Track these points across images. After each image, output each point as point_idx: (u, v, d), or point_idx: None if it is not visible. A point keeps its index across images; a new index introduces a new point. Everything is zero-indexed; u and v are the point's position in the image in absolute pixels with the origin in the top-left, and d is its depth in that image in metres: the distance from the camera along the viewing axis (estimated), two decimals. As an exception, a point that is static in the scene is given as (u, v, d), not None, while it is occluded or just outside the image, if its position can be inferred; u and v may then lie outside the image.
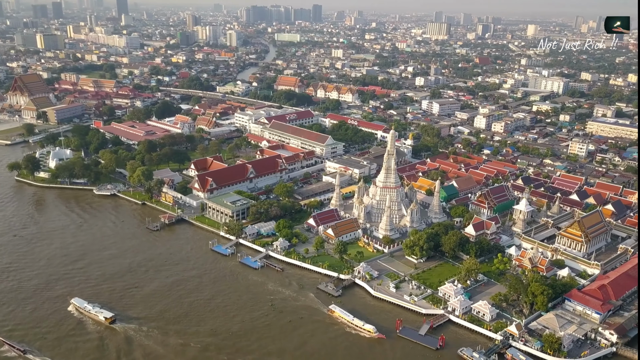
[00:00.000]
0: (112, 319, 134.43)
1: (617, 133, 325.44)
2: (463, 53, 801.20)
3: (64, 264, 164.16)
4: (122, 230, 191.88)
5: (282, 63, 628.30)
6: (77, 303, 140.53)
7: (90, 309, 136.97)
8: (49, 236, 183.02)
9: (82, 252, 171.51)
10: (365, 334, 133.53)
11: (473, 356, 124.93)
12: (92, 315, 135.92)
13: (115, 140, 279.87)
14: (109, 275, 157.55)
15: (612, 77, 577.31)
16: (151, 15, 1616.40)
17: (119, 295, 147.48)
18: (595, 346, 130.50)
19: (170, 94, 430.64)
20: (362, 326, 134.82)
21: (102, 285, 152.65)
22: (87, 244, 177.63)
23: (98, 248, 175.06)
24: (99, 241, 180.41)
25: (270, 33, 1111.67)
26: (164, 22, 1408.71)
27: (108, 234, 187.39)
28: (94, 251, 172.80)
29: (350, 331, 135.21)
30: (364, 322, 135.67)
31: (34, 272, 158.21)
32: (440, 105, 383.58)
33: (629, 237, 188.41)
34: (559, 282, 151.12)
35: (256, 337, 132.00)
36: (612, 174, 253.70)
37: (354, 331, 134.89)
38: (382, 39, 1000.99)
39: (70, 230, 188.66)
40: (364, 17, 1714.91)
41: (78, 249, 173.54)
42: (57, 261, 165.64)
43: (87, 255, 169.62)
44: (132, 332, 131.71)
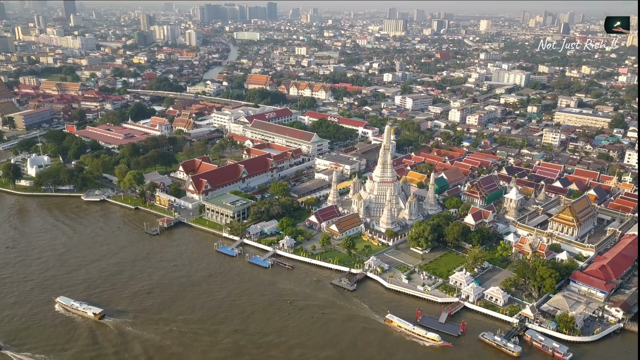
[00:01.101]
0: (101, 314, 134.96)
1: (583, 122, 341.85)
2: (423, 49, 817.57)
3: (65, 273, 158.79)
4: (119, 236, 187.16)
5: (247, 62, 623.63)
6: (63, 302, 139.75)
7: (77, 306, 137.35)
8: (41, 245, 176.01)
9: (80, 261, 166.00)
10: (428, 343, 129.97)
11: (495, 340, 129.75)
12: (80, 312, 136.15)
13: (93, 145, 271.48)
14: (117, 284, 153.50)
15: (566, 69, 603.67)
16: (100, 15, 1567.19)
17: (132, 301, 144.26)
18: (604, 323, 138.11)
19: (139, 96, 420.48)
20: (425, 335, 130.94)
21: (112, 293, 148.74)
22: (84, 252, 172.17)
23: (98, 256, 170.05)
24: (97, 248, 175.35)
25: (228, 32, 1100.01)
26: (115, 22, 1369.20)
27: (105, 240, 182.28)
28: (93, 259, 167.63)
29: (411, 340, 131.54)
30: (426, 331, 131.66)
31: (35, 282, 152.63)
32: (413, 101, 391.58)
33: (613, 219, 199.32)
34: (561, 265, 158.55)
35: (297, 338, 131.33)
36: (586, 161, 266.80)
37: (415, 340, 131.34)
38: (341, 36, 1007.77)
39: (63, 239, 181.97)
40: (319, 14, 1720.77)
41: (76, 258, 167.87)
42: (56, 271, 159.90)
43: (87, 264, 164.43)
44: (128, 326, 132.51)
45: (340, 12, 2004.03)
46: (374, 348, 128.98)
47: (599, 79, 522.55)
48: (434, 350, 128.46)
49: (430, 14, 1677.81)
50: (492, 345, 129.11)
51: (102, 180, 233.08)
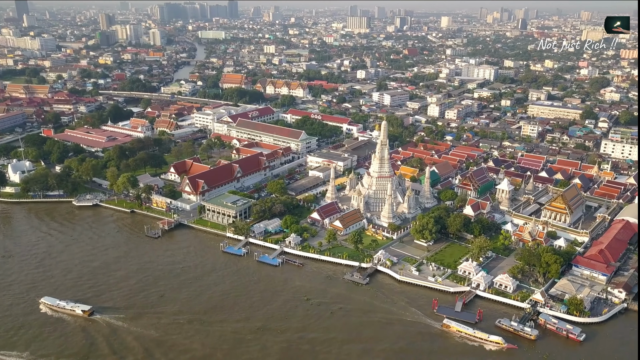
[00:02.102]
0: (90, 311, 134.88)
1: (556, 114, 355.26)
2: (389, 45, 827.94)
3: (70, 279, 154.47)
4: (120, 240, 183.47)
5: (217, 61, 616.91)
6: (48, 302, 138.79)
7: (64, 305, 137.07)
8: (39, 253, 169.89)
9: (83, 267, 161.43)
10: (491, 346, 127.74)
11: (511, 325, 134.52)
12: (67, 311, 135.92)
13: (76, 149, 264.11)
14: (128, 289, 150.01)
15: (530, 63, 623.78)
16: (54, 15, 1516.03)
17: (146, 307, 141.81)
18: (609, 304, 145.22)
19: (112, 98, 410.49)
20: (488, 338, 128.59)
21: (126, 298, 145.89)
22: (86, 258, 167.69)
23: (103, 262, 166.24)
24: (101, 254, 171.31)
25: (191, 31, 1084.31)
26: (71, 22, 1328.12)
27: (106, 245, 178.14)
28: (100, 265, 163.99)
29: (473, 344, 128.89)
30: (488, 335, 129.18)
31: (44, 290, 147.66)
32: (391, 97, 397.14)
33: (600, 206, 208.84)
34: (562, 251, 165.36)
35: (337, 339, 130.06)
36: (565, 152, 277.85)
37: (477, 344, 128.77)
38: (307, 34, 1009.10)
39: (60, 246, 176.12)
40: (280, 12, 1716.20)
41: (79, 264, 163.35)
42: (62, 278, 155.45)
43: (93, 270, 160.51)
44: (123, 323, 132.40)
45: (301, 10, 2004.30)
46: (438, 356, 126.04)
47: (562, 73, 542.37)
48: (499, 354, 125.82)
49: (390, 11, 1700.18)
50: (510, 331, 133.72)
51: (91, 184, 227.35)
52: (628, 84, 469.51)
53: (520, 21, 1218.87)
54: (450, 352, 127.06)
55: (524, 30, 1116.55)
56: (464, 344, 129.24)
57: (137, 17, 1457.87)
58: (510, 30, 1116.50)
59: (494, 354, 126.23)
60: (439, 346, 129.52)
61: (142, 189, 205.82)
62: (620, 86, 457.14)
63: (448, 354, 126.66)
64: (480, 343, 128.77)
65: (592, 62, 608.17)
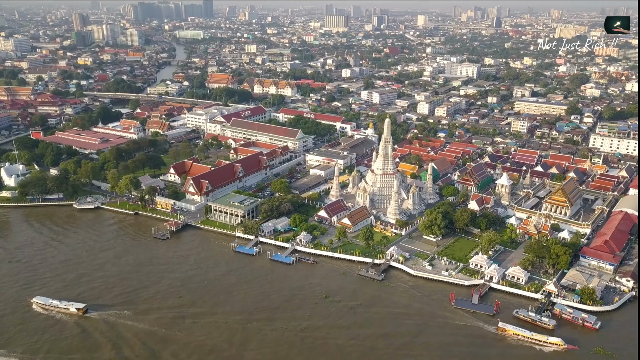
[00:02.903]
0: (84, 309, 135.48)
1: (542, 110, 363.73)
2: (369, 44, 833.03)
3: (85, 282, 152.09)
4: (128, 243, 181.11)
5: (200, 61, 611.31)
6: (40, 301, 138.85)
7: (57, 304, 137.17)
8: (47, 258, 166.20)
9: (95, 270, 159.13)
10: (551, 348, 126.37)
11: (529, 315, 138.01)
12: (61, 309, 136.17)
13: (69, 151, 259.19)
14: (148, 293, 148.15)
15: (509, 61, 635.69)
16: (23, 14, 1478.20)
17: (167, 309, 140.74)
18: (618, 292, 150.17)
19: (97, 99, 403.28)
20: (547, 340, 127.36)
21: (144, 302, 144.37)
22: (97, 261, 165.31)
23: (114, 264, 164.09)
24: (111, 256, 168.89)
25: (168, 30, 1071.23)
26: (42, 22, 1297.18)
27: (114, 248, 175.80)
28: (112, 267, 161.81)
29: (533, 347, 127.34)
30: (547, 336, 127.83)
31: (62, 294, 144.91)
32: (380, 95, 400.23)
33: (596, 199, 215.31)
34: (568, 243, 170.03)
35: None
36: (555, 147, 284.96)
37: (537, 346, 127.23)
38: (285, 33, 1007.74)
39: (66, 249, 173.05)
40: (256, 11, 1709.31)
41: (90, 267, 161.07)
42: (77, 282, 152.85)
43: (106, 272, 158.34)
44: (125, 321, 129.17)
45: (276, 9, 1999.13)
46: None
47: (542, 70, 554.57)
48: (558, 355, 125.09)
49: (366, 10, 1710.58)
50: (527, 321, 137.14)
51: (90, 186, 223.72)
52: (606, 80, 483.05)
53: (495, 19, 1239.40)
54: (509, 358, 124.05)
55: (499, 28, 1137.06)
56: (522, 347, 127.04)
57: (109, 17, 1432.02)
58: (485, 28, 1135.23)
59: (555, 355, 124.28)
60: (497, 352, 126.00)
61: (145, 191, 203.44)
62: (599, 82, 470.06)
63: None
64: (539, 345, 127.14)
65: (569, 59, 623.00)
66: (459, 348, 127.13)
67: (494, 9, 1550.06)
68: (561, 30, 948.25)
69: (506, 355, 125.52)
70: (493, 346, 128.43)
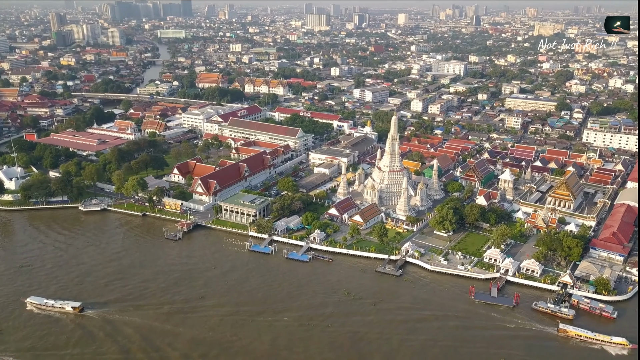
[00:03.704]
0: (80, 307, 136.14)
1: (532, 107, 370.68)
2: (353, 42, 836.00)
3: (104, 284, 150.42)
4: (140, 244, 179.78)
5: (186, 60, 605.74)
6: (35, 301, 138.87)
7: (52, 303, 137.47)
8: (61, 263, 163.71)
9: (114, 272, 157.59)
10: (615, 348, 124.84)
11: (548, 307, 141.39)
12: (56, 309, 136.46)
13: (67, 153, 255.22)
14: (166, 294, 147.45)
15: (493, 58, 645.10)
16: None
17: (189, 311, 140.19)
18: (630, 282, 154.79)
19: (87, 100, 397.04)
20: (610, 340, 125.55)
21: (169, 303, 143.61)
22: (113, 263, 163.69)
23: (130, 265, 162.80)
24: (125, 258, 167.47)
25: (148, 30, 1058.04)
26: (16, 22, 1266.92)
27: (128, 249, 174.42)
28: (127, 267, 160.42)
29: (594, 347, 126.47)
30: (610, 336, 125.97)
31: (86, 300, 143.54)
32: (372, 93, 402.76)
33: (596, 192, 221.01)
34: (577, 235, 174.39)
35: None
36: (550, 142, 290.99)
37: (598, 346, 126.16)
38: (268, 32, 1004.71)
39: (75, 252, 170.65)
40: (235, 10, 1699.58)
41: (109, 270, 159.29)
42: (95, 284, 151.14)
43: (124, 275, 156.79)
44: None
45: (254, 8, 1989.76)
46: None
47: (526, 67, 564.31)
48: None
49: (345, 8, 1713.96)
50: (547, 312, 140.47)
51: (94, 188, 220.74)
52: (589, 76, 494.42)
53: (475, 18, 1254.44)
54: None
55: (478, 26, 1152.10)
56: (585, 348, 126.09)
57: (85, 17, 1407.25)
58: (465, 26, 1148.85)
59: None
60: (562, 355, 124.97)
61: (153, 192, 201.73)
62: (583, 79, 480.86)
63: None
64: (603, 346, 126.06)
65: (550, 57, 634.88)
66: (520, 351, 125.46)
67: (472, 8, 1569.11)
68: (540, 28, 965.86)
69: (570, 357, 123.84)
70: (556, 348, 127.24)
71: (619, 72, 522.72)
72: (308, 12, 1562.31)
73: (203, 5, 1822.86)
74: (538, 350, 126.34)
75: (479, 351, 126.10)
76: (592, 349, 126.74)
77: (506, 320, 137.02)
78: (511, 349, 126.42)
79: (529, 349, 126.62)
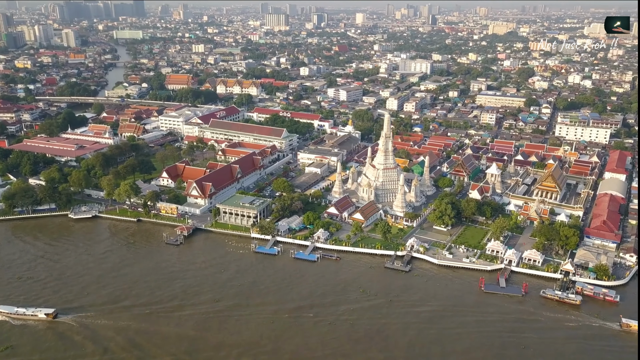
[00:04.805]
0: (54, 314, 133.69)
1: (502, 103, 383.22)
2: (315, 42, 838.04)
3: (118, 294, 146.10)
4: (141, 250, 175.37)
5: (149, 62, 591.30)
6: (5, 310, 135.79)
7: (24, 311, 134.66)
8: (62, 275, 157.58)
9: (124, 284, 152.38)
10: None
11: (556, 294, 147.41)
12: (28, 317, 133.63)
13: (45, 159, 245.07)
14: (182, 300, 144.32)
15: (454, 56, 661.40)
16: None
17: (214, 315, 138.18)
18: (625, 267, 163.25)
19: (53, 104, 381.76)
20: None
21: (189, 307, 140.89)
22: (121, 272, 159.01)
23: (138, 273, 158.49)
24: (129, 266, 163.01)
25: (102, 31, 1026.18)
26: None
27: (129, 256, 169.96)
28: (135, 276, 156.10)
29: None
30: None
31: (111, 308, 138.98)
32: (347, 92, 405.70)
33: (577, 183, 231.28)
34: (571, 225, 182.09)
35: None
36: (525, 137, 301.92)
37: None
38: (227, 32, 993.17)
39: (74, 264, 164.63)
40: (190, 10, 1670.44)
41: (118, 279, 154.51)
42: (109, 294, 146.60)
43: (132, 285, 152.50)
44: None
45: (208, 8, 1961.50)
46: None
47: (488, 64, 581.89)
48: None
49: (302, 8, 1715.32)
50: (554, 299, 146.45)
51: (80, 195, 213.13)
52: (550, 73, 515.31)
53: (431, 17, 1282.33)
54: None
55: (435, 25, 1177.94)
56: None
57: (31, 17, 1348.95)
58: (421, 25, 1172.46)
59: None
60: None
61: (147, 196, 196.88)
62: (544, 75, 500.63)
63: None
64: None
65: (509, 55, 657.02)
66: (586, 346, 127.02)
67: (425, 7, 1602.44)
68: (494, 27, 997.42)
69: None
70: (616, 344, 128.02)
71: (575, 68, 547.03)
72: (264, 11, 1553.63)
73: (156, 5, 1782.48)
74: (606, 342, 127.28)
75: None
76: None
77: (567, 319, 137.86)
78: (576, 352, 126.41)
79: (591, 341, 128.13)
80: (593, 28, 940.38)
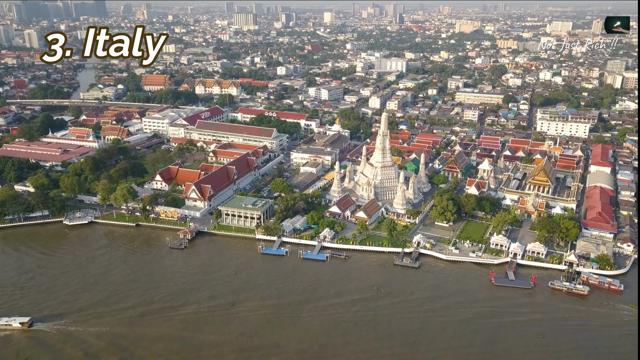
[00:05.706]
0: (29, 322, 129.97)
1: (481, 100, 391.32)
2: (286, 41, 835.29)
3: (131, 306, 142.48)
4: (143, 257, 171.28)
5: (120, 63, 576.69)
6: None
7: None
8: (72, 287, 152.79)
9: (141, 296, 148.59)
10: None
11: (563, 285, 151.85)
12: (2, 327, 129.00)
13: (29, 165, 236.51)
14: (200, 304, 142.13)
15: (426, 54, 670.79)
16: None
17: (230, 319, 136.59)
18: (623, 256, 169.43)
19: (26, 107, 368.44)
20: None
21: (209, 311, 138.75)
22: (130, 278, 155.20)
23: (147, 279, 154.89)
24: (135, 274, 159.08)
25: (65, 31, 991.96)
26: None
27: (134, 262, 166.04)
28: (145, 283, 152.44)
29: None
30: None
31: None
32: (328, 92, 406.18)
33: (565, 177, 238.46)
34: (568, 217, 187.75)
35: None
36: (508, 132, 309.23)
37: None
38: (195, 32, 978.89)
39: (72, 269, 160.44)
40: (154, 10, 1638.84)
41: (132, 287, 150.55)
42: (124, 306, 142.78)
43: (144, 293, 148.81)
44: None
45: (172, 8, 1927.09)
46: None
47: (460, 62, 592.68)
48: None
49: (267, 8, 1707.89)
50: (563, 290, 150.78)
51: (72, 201, 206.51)
52: (521, 70, 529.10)
53: (398, 16, 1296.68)
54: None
55: (402, 24, 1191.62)
56: None
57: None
58: (389, 24, 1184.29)
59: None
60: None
61: (146, 200, 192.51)
62: (516, 72, 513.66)
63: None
64: None
65: (478, 53, 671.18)
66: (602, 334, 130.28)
67: (390, 6, 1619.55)
68: (461, 25, 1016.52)
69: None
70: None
71: (544, 65, 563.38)
72: (230, 11, 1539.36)
73: (117, 4, 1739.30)
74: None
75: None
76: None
77: (577, 309, 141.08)
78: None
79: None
80: (554, 26, 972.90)
